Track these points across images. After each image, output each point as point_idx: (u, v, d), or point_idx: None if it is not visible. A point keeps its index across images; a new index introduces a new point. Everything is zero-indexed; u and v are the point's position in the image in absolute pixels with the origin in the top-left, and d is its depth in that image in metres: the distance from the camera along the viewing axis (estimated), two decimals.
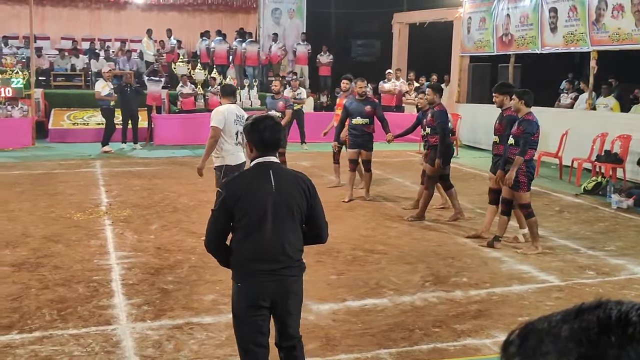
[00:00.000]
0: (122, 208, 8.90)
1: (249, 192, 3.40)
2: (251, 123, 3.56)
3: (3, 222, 8.07)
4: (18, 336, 4.79)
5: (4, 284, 5.88)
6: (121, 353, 4.56)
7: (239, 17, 21.93)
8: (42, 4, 19.80)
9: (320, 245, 7.09)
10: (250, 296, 3.42)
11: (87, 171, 11.89)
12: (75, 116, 16.49)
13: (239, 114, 7.20)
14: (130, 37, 20.50)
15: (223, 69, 19.05)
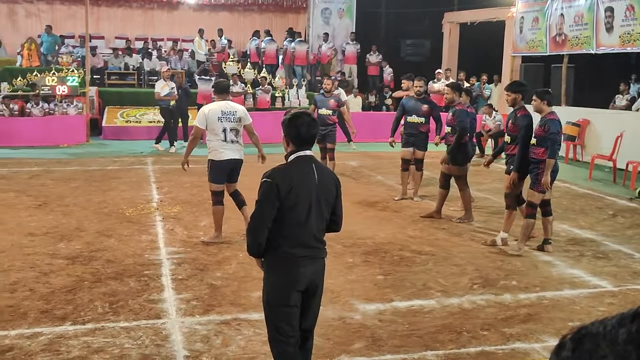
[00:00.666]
0: (173, 204, 9.05)
1: (299, 184, 3.54)
2: (288, 119, 3.67)
3: (58, 217, 8.29)
4: (71, 327, 4.92)
5: (59, 276, 6.04)
6: (170, 347, 4.64)
7: (288, 17, 22.05)
8: (98, 4, 20.28)
9: (367, 246, 7.18)
10: (291, 282, 3.56)
11: (139, 168, 12.13)
12: (128, 114, 16.84)
13: (226, 111, 7.14)
14: (182, 37, 20.81)
15: (272, 68, 19.20)
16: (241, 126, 7.26)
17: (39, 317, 5.08)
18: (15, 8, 20.03)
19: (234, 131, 7.18)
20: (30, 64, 17.73)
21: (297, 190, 3.51)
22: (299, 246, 3.55)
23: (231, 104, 7.37)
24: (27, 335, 4.75)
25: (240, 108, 7.39)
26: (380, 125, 15.57)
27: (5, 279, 5.92)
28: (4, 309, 5.22)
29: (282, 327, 3.59)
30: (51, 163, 12.52)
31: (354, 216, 8.67)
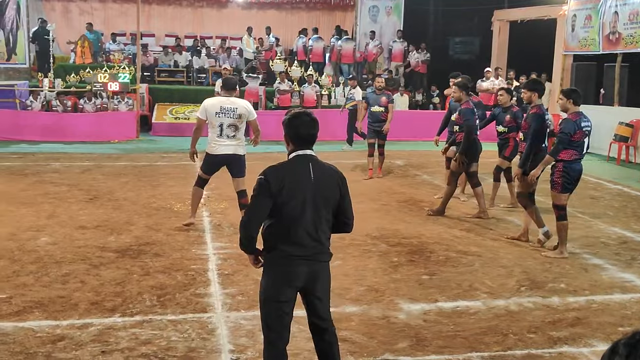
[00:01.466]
0: (220, 201, 9.15)
1: (291, 181, 3.56)
2: (288, 119, 3.71)
3: (109, 211, 8.48)
4: (120, 319, 5.03)
5: (108, 269, 6.18)
6: (216, 340, 4.70)
7: (336, 15, 22.04)
8: (149, 3, 20.64)
9: (412, 245, 7.13)
10: (284, 279, 3.58)
11: (187, 164, 12.26)
12: (177, 111, 17.09)
13: (225, 107, 7.30)
14: (230, 35, 21.01)
15: (319, 66, 19.25)
16: (242, 122, 7.36)
17: (89, 309, 5.21)
18: (69, 6, 20.54)
19: (232, 127, 7.30)
20: (83, 61, 18.15)
21: (289, 187, 3.52)
22: (293, 245, 3.55)
23: (233, 100, 7.39)
24: (78, 326, 4.88)
25: (242, 104, 7.43)
26: (426, 123, 15.46)
27: (58, 271, 6.08)
28: (55, 300, 5.36)
29: (271, 324, 3.62)
30: (102, 158, 12.81)
31: (399, 215, 8.64)
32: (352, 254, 6.80)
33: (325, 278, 3.72)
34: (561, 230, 6.93)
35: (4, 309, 5.16)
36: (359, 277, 6.14)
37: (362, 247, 7.09)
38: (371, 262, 6.61)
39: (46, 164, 11.95)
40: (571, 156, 6.70)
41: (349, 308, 5.36)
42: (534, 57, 18.58)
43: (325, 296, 3.73)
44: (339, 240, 6.91)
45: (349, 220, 3.78)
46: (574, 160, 6.73)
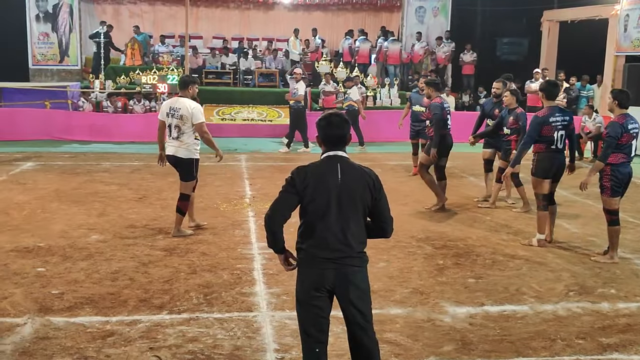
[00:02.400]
0: (265, 201, 9.20)
1: (316, 181, 3.55)
2: (318, 120, 3.73)
3: (157, 210, 8.63)
4: (168, 316, 5.11)
5: (157, 267, 6.30)
6: (261, 339, 4.74)
7: (382, 16, 21.99)
8: (197, 5, 20.93)
9: (458, 248, 7.07)
10: (312, 281, 3.55)
11: (233, 165, 12.44)
12: (224, 112, 17.27)
13: (173, 107, 7.23)
14: (277, 37, 21.18)
15: (365, 67, 19.21)
16: (185, 124, 7.18)
17: (138, 305, 5.32)
18: (120, 9, 20.98)
19: (176, 128, 7.22)
20: (133, 62, 18.52)
21: (314, 186, 3.53)
22: (319, 246, 3.54)
23: (181, 101, 7.24)
24: (127, 322, 4.98)
25: (185, 106, 7.19)
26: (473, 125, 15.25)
27: (108, 268, 6.22)
28: (105, 296, 5.49)
29: (306, 326, 3.58)
30: (150, 158, 13.00)
31: (444, 217, 8.57)
32: (397, 256, 6.77)
33: (360, 284, 3.58)
34: (613, 236, 6.78)
35: (56, 304, 5.31)
36: (404, 279, 6.11)
37: (407, 249, 7.05)
38: (416, 264, 6.57)
39: (97, 163, 12.23)
40: (619, 159, 6.57)
41: (394, 310, 5.35)
42: (584, 58, 18.19)
43: (363, 305, 3.59)
44: (384, 242, 6.86)
45: (386, 224, 3.69)
46: (621, 163, 6.60)
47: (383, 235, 3.76)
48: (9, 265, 6.23)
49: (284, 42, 20.56)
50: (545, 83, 7.51)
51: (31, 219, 8.01)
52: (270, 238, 3.63)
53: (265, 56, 19.83)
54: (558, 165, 7.18)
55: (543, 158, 7.09)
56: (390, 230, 3.75)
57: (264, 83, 18.81)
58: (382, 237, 3.79)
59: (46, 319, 4.98)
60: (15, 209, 8.50)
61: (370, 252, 3.81)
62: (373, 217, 3.68)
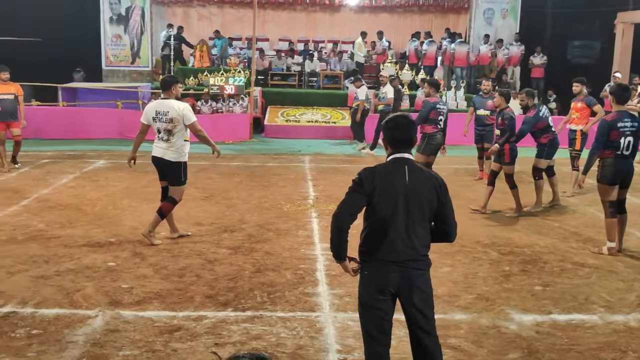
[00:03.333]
0: (328, 202, 9.24)
1: (384, 183, 3.53)
2: (385, 122, 3.72)
3: (222, 209, 8.78)
4: (232, 314, 5.20)
5: (222, 264, 6.41)
6: (323, 340, 4.77)
7: (449, 18, 21.74)
8: (264, 8, 21.19)
9: (525, 255, 6.92)
10: (375, 284, 3.54)
11: (297, 166, 12.53)
12: (288, 113, 17.43)
13: (160, 110, 6.92)
14: (342, 39, 21.22)
15: (431, 69, 19.05)
16: (176, 127, 6.92)
17: (204, 302, 5.42)
18: (189, 12, 21.45)
19: (166, 132, 6.93)
20: (202, 64, 18.90)
21: (381, 189, 3.51)
22: (385, 249, 3.52)
23: (167, 103, 6.94)
24: (193, 318, 5.09)
25: (174, 108, 6.90)
26: None
27: (175, 264, 6.37)
28: (173, 292, 5.62)
29: (369, 330, 3.57)
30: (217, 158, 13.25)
31: (511, 223, 8.41)
32: (462, 261, 6.68)
33: (424, 288, 3.57)
34: None
35: (126, 298, 5.47)
36: (469, 284, 6.03)
37: (472, 254, 6.95)
38: (481, 270, 6.47)
39: None
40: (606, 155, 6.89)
41: (458, 315, 5.28)
42: None
43: (426, 308, 3.57)
44: (448, 247, 6.81)
45: (450, 228, 3.67)
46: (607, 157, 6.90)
47: (447, 240, 3.74)
48: (81, 259, 6.47)
49: (350, 44, 20.58)
50: (616, 86, 7.38)
51: (103, 215, 8.27)
52: (336, 238, 3.58)
53: (330, 58, 19.90)
54: (626, 172, 6.98)
55: (609, 164, 6.91)
56: (454, 235, 3.72)
57: (328, 85, 18.90)
58: (446, 241, 3.76)
59: (116, 312, 5.14)
60: (88, 205, 8.80)
61: (434, 257, 3.79)
62: (437, 220, 3.65)
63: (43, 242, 7.03)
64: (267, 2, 21.22)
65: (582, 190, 9.78)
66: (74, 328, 4.86)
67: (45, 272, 6.06)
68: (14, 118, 11.26)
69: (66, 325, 4.90)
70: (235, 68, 17.61)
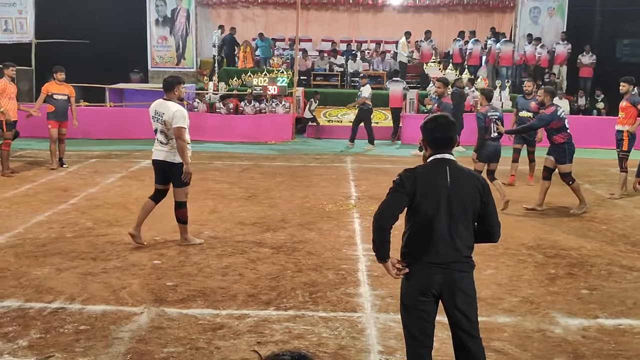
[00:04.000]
0: (370, 203, 9.22)
1: (425, 184, 3.49)
2: (424, 122, 3.67)
3: (265, 208, 8.84)
4: (275, 312, 5.23)
5: (264, 263, 6.45)
6: (365, 340, 4.76)
7: (494, 17, 21.46)
8: (307, 8, 21.26)
9: (572, 258, 6.79)
10: (418, 285, 3.51)
11: (338, 166, 12.54)
12: (330, 114, 17.46)
13: (158, 110, 6.85)
14: (385, 39, 21.15)
15: (476, 69, 18.85)
16: (169, 129, 6.81)
17: (247, 300, 5.47)
18: (233, 13, 21.66)
19: (162, 134, 6.87)
20: (245, 65, 19.08)
21: (423, 190, 3.47)
22: (427, 250, 3.48)
23: (165, 105, 6.86)
24: (236, 316, 5.14)
25: (170, 109, 6.78)
26: (589, 130, 14.67)
27: (219, 263, 6.44)
28: (216, 290, 5.69)
29: (411, 331, 3.55)
30: (260, 158, 13.38)
31: (557, 225, 8.26)
32: (506, 263, 6.59)
33: (467, 290, 3.52)
34: None
35: (170, 296, 5.55)
36: (513, 287, 5.94)
37: (516, 256, 6.85)
38: (526, 272, 6.37)
39: (209, 162, 12.68)
40: None
41: (502, 318, 5.21)
42: None
43: (469, 311, 3.53)
44: (492, 249, 6.74)
45: (493, 228, 3.63)
46: None
47: (490, 240, 3.71)
48: (127, 257, 6.59)
49: (392, 44, 20.51)
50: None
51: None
52: (378, 238, 3.56)
53: (373, 58, 19.86)
54: None
55: None
56: (498, 235, 3.68)
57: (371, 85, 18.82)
58: (490, 241, 3.73)
59: (161, 310, 5.23)
60: (134, 203, 8.95)
61: (477, 259, 3.75)
62: (481, 221, 3.61)
63: (91, 240, 7.19)
64: (311, 3, 21.29)
65: (630, 192, 9.58)
66: (120, 324, 4.96)
67: (93, 269, 6.20)
68: (66, 118, 11.67)
69: (112, 322, 5.00)
70: (278, 69, 17.72)
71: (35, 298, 5.46)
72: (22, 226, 7.67)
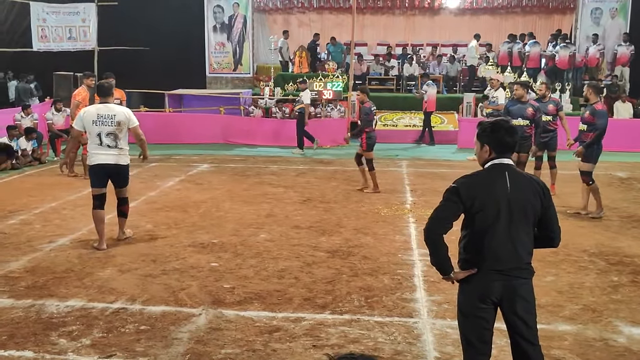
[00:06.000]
0: (426, 208, 9.13)
1: (484, 191, 3.44)
2: (489, 127, 3.58)
3: (320, 213, 8.87)
4: (330, 316, 5.24)
5: (320, 267, 6.48)
6: (421, 346, 4.72)
7: (554, 19, 21.02)
8: (363, 13, 21.26)
9: (636, 265, 6.60)
10: (478, 292, 3.45)
11: (394, 170, 12.48)
12: (386, 118, 17.39)
13: (102, 114, 6.91)
14: (441, 42, 20.97)
15: (534, 72, 18.49)
16: (122, 130, 6.97)
17: (302, 304, 5.50)
18: (289, 18, 21.86)
19: (111, 135, 6.93)
20: (301, 70, 19.20)
21: (482, 197, 3.41)
22: (488, 257, 3.42)
23: (111, 107, 7.02)
24: (292, 319, 5.17)
25: (121, 111, 7.04)
26: None
27: (275, 266, 6.50)
28: (272, 293, 5.74)
29: (469, 339, 3.50)
30: (314, 162, 13.44)
31: (621, 232, 8.02)
32: (567, 270, 6.44)
33: (527, 297, 3.46)
34: None
35: (228, 297, 5.63)
36: (574, 294, 5.80)
37: (578, 263, 6.68)
38: (588, 280, 6.20)
39: (265, 166, 12.81)
40: None
41: (562, 326, 5.09)
42: None
43: (529, 318, 3.47)
44: (552, 255, 6.59)
45: (554, 233, 3.57)
46: None
47: (550, 245, 3.64)
48: (186, 259, 6.72)
49: (449, 47, 20.32)
50: None
51: (206, 217, 8.56)
52: (434, 250, 3.49)
53: (429, 62, 19.70)
54: None
55: None
56: (558, 240, 3.62)
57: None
58: (550, 246, 3.67)
59: (219, 311, 5.31)
60: (193, 207, 9.12)
61: (537, 265, 3.68)
62: (541, 226, 3.55)
63: (151, 242, 7.36)
64: (366, 7, 21.29)
65: None
66: (179, 325, 5.05)
67: (153, 271, 6.34)
68: None
69: (172, 322, 5.10)
70: (334, 73, 17.77)
71: (98, 298, 5.62)
72: (85, 228, 7.90)
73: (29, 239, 7.49)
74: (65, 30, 18.35)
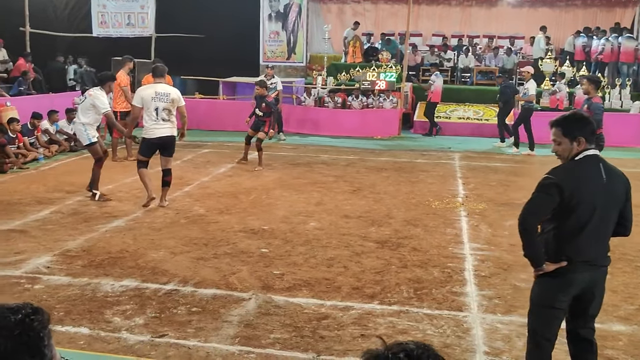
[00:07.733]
0: (478, 201, 9.04)
1: (583, 184, 3.42)
2: (582, 119, 3.61)
3: (370, 203, 8.86)
4: (379, 307, 5.24)
5: (369, 257, 6.47)
6: (471, 340, 4.68)
7: (615, 12, 20.37)
8: (418, 3, 21.01)
9: None
10: (563, 284, 3.46)
11: (446, 163, 12.35)
12: (439, 110, 17.18)
13: (159, 92, 7.99)
14: (498, 34, 20.59)
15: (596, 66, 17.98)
16: (174, 107, 8.06)
17: (351, 293, 5.51)
18: (344, 8, 21.76)
19: (166, 110, 7.98)
20: (354, 60, 19.13)
21: (580, 190, 3.39)
22: (578, 250, 3.42)
23: (165, 87, 8.14)
24: (340, 308, 5.19)
25: (174, 90, 8.20)
26: None
27: (324, 254, 6.53)
28: (321, 281, 5.76)
29: (541, 329, 3.54)
30: (365, 153, 13.40)
31: None
32: (623, 269, 6.27)
33: (603, 285, 3.58)
34: None
35: (277, 283, 5.69)
36: (630, 294, 5.65)
37: (634, 262, 6.51)
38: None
39: (316, 155, 12.84)
40: None
41: (617, 326, 4.97)
42: None
43: (598, 306, 3.60)
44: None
45: (628, 222, 3.61)
46: None
47: (622, 234, 3.68)
48: (237, 244, 6.80)
49: (506, 39, 19.94)
50: None
51: (257, 204, 8.64)
52: (528, 241, 3.48)
53: (485, 54, 19.38)
54: None
55: None
56: (630, 229, 3.67)
57: (482, 81, 18.44)
58: (622, 235, 3.69)
59: (268, 296, 5.36)
60: (244, 193, 9.22)
61: None
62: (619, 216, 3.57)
63: (203, 226, 7.48)
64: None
65: None
66: (230, 308, 5.13)
67: (205, 254, 6.45)
68: None
69: (222, 306, 5.18)
70: (387, 64, 17.65)
71: (151, 279, 5.75)
72: (140, 211, 8.08)
73: (85, 219, 7.71)
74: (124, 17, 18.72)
